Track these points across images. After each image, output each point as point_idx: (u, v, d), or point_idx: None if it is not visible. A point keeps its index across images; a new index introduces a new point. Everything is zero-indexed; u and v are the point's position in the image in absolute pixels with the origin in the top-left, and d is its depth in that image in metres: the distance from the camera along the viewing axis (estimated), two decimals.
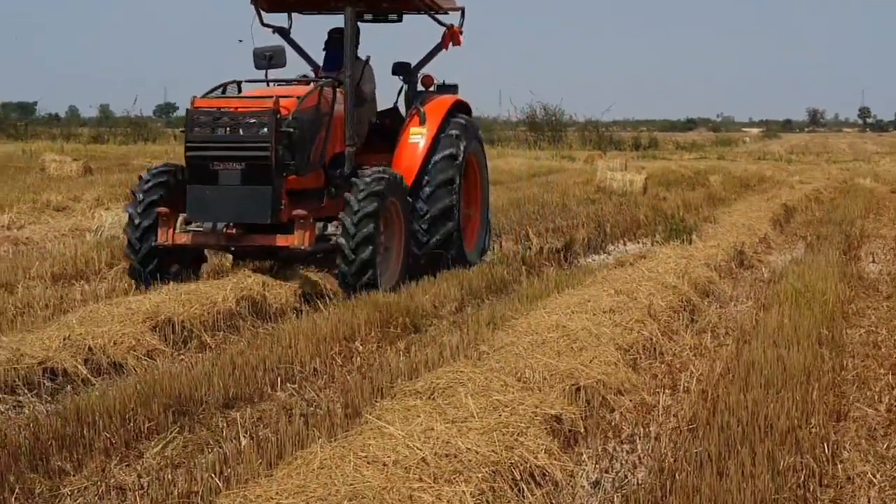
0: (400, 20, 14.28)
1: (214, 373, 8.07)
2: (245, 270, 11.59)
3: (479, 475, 5.58)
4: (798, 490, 5.72)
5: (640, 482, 5.98)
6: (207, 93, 12.13)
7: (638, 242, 16.69)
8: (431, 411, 6.46)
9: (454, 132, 13.35)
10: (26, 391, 7.88)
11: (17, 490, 5.98)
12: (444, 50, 14.12)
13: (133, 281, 11.83)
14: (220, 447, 6.62)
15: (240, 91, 12.59)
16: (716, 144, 75.15)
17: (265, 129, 11.18)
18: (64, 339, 8.62)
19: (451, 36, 13.98)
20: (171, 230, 11.55)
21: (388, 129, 13.61)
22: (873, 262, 14.56)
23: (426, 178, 13.01)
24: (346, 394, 7.60)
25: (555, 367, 7.56)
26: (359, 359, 8.97)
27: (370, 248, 11.05)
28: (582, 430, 6.80)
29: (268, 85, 12.82)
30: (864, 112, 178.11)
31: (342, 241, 11.11)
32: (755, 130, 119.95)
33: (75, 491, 6.09)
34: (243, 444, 6.59)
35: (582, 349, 8.13)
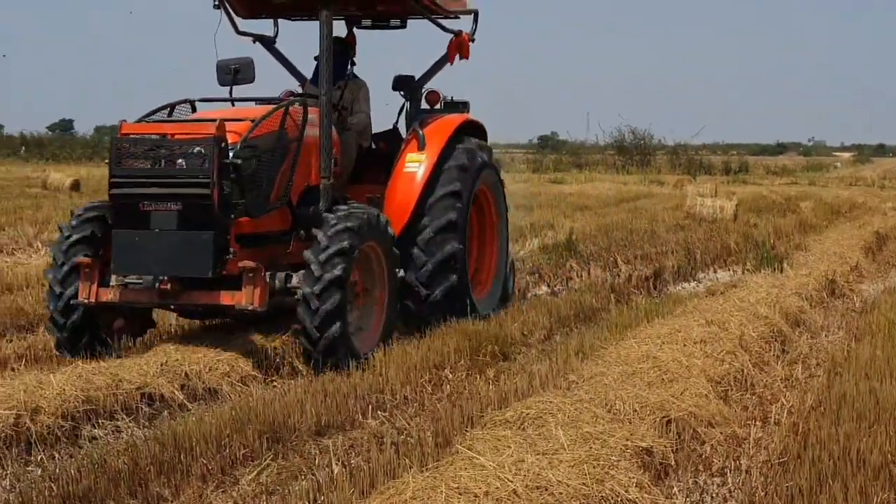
0: (404, 26, 12.38)
1: (307, 400, 8.15)
2: None
3: None
4: None
5: None
6: (147, 115, 10.10)
7: (728, 270, 16.57)
8: (522, 442, 6.46)
9: (459, 162, 11.33)
10: (125, 416, 8.07)
11: None
12: (449, 63, 12.14)
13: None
14: (313, 475, 6.67)
15: (194, 112, 10.57)
16: (806, 169, 74.22)
17: (205, 162, 9.08)
18: (161, 366, 8.83)
19: (458, 45, 11.99)
20: (94, 285, 9.46)
21: (384, 156, 11.63)
22: None
23: (424, 219, 11.01)
24: (437, 422, 7.61)
25: (645, 399, 7.51)
26: (448, 387, 8.99)
27: (339, 294, 9.16)
28: (672, 462, 6.75)
29: (233, 104, 10.71)
30: None
31: (305, 288, 9.18)
32: (847, 155, 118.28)
33: None
34: (336, 471, 6.64)
35: (672, 381, 8.09)
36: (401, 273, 10.61)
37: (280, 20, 12.21)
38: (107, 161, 10.40)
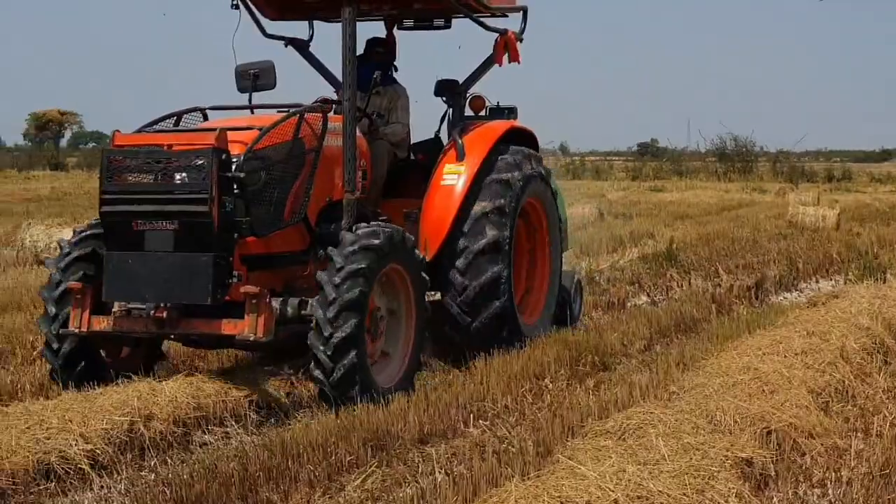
0: (448, 26, 11.07)
1: (410, 409, 8.24)
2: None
3: None
4: None
5: None
6: (150, 124, 9.01)
7: (830, 280, 16.39)
8: (622, 452, 6.49)
9: (502, 174, 10.10)
10: (233, 423, 8.25)
11: None
12: (497, 65, 10.89)
13: None
14: (416, 482, 6.74)
15: (205, 121, 9.47)
16: None
17: (203, 176, 7.95)
18: (269, 374, 9.01)
19: (506, 45, 10.69)
20: (85, 312, 8.35)
21: (423, 167, 10.42)
22: None
23: (464, 239, 9.81)
24: (537, 432, 7.64)
25: (745, 410, 7.48)
26: (549, 396, 8.99)
27: (355, 319, 7.96)
28: (773, 473, 6.72)
29: (252, 112, 9.63)
30: None
31: (318, 312, 8.03)
32: None
33: None
34: (439, 479, 6.69)
35: (773, 392, 8.05)
36: (437, 296, 9.80)
37: (315, 21, 11.25)
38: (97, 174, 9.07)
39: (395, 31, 11.34)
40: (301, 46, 11.21)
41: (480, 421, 8.25)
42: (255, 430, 8.22)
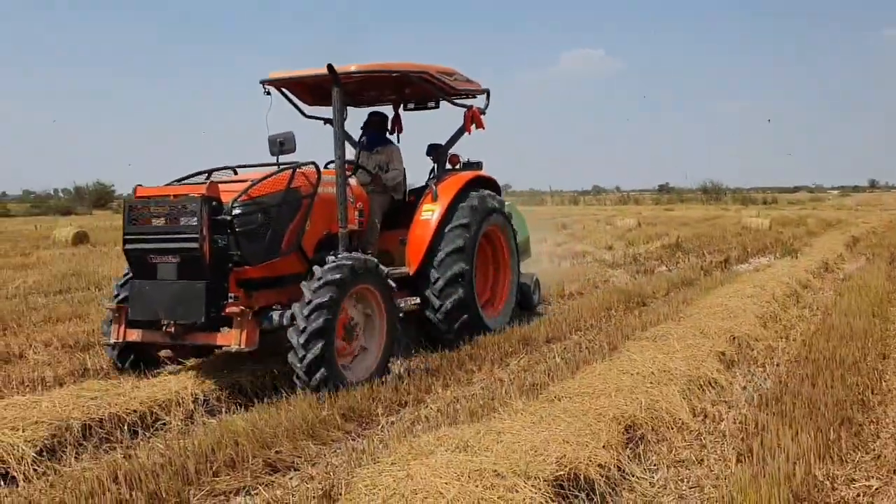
0: (437, 106, 8.52)
1: (541, 325, 8.26)
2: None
3: (682, 381, 5.57)
4: (858, 396, 5.47)
5: (768, 388, 5.86)
6: (184, 178, 6.64)
7: (766, 257, 15.70)
8: (655, 348, 6.49)
9: (470, 203, 7.91)
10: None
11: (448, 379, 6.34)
12: (466, 133, 8.30)
13: None
14: (545, 362, 6.76)
15: (235, 175, 6.90)
16: (811, 200, 69.47)
17: (194, 219, 5.93)
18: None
19: (471, 117, 8.20)
20: (121, 327, 6.37)
21: (415, 207, 8.09)
22: None
23: (435, 273, 7.56)
24: (608, 337, 7.61)
25: (720, 326, 7.38)
26: (614, 319, 8.93)
27: (321, 342, 5.73)
28: (736, 359, 6.65)
29: (280, 167, 6.73)
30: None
31: (293, 338, 5.79)
32: (836, 191, 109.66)
33: (481, 379, 6.35)
34: (558, 361, 6.72)
35: (735, 317, 7.91)
36: (415, 300, 7.36)
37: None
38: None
39: (401, 112, 8.83)
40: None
41: (577, 332, 8.26)
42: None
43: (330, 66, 6.51)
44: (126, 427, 5.13)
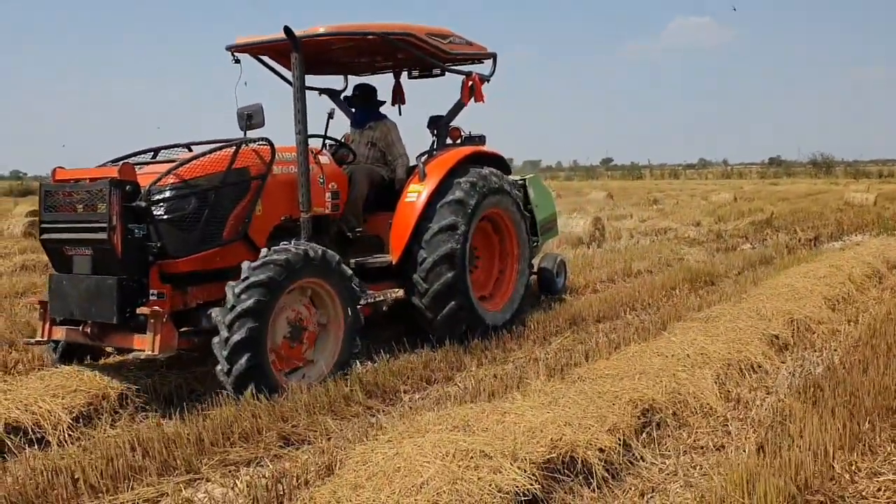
0: (443, 74, 7.33)
1: (593, 302, 8.16)
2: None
3: (717, 364, 5.41)
4: None
5: (818, 374, 5.59)
6: (128, 155, 5.82)
7: (862, 235, 14.84)
8: (700, 329, 6.26)
9: (456, 195, 6.69)
10: None
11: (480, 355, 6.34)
12: (464, 104, 7.28)
13: None
14: (587, 342, 6.67)
15: (190, 152, 5.82)
16: None
17: (103, 206, 5.09)
18: None
19: (470, 87, 7.15)
20: (47, 324, 5.59)
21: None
22: None
23: (423, 251, 6.52)
24: (661, 316, 7.42)
25: (781, 308, 7.06)
26: (675, 299, 8.67)
27: (247, 355, 4.93)
28: (791, 342, 6.36)
29: (246, 145, 5.83)
30: None
31: (216, 350, 5.01)
32: None
33: (518, 358, 6.32)
34: (600, 340, 6.62)
35: (800, 298, 7.53)
36: (397, 291, 6.62)
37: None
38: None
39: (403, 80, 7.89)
40: (334, 95, 7.86)
41: (633, 312, 8.09)
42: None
43: (287, 29, 5.75)
44: (162, 398, 5.34)
